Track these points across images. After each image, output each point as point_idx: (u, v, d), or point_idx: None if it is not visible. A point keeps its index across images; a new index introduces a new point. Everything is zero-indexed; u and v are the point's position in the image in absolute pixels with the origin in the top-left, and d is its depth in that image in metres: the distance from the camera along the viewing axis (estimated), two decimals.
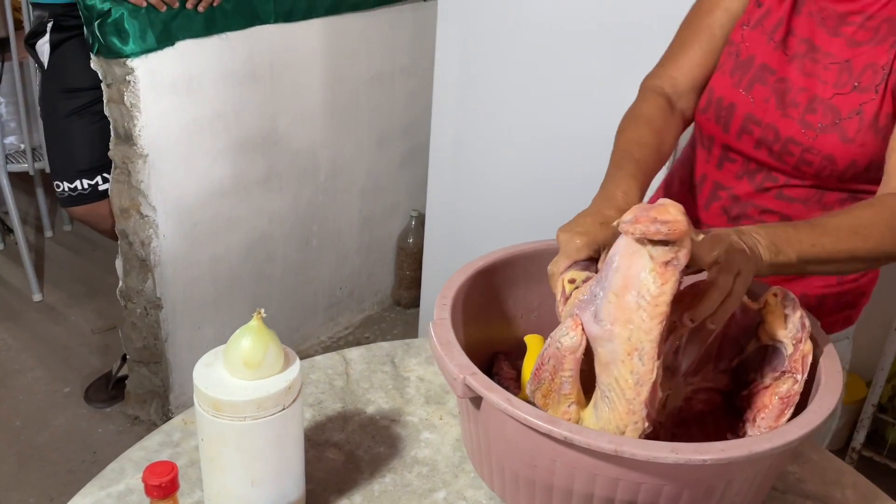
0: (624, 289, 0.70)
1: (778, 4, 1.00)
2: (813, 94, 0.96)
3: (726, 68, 1.02)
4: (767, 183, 1.01)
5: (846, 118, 0.94)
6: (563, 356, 0.73)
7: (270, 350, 0.71)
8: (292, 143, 2.11)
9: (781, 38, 0.99)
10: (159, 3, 1.65)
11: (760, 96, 0.99)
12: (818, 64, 0.97)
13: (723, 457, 0.66)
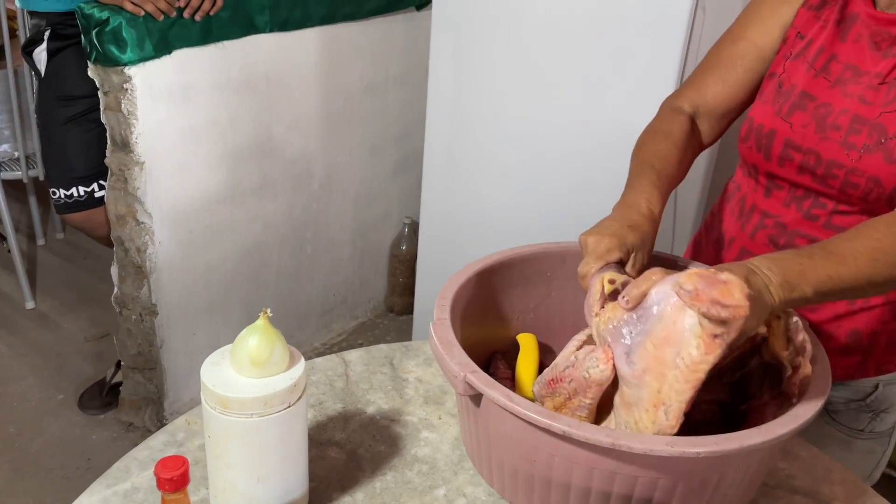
0: (664, 342, 0.70)
1: (820, 32, 0.99)
2: (856, 114, 0.94)
3: (768, 98, 1.01)
4: (815, 210, 0.98)
5: (893, 137, 0.91)
6: (588, 385, 0.75)
7: (276, 349, 0.73)
8: (287, 150, 2.13)
9: (823, 65, 0.97)
10: (157, 13, 1.67)
11: (799, 122, 0.97)
12: (862, 85, 0.94)
13: (716, 450, 0.68)
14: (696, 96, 1.07)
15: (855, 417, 1.03)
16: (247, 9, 1.87)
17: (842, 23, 0.97)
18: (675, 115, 1.06)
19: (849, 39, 0.96)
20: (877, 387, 1.01)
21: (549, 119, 1.80)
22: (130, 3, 1.64)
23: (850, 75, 0.95)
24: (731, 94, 1.06)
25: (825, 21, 0.98)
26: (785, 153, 0.98)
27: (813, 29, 0.99)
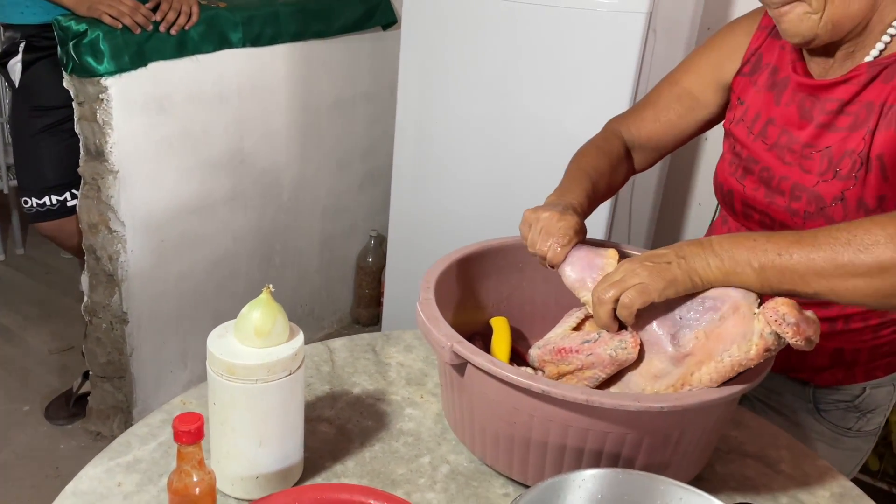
0: (717, 338, 0.79)
1: (756, 97, 1.04)
2: (795, 182, 0.98)
3: (727, 158, 1.09)
4: None
5: (830, 205, 0.95)
6: (610, 363, 0.82)
7: (278, 321, 0.79)
8: (257, 162, 2.19)
9: (761, 129, 1.03)
10: (134, 26, 1.72)
11: (750, 185, 1.04)
12: (797, 153, 0.98)
13: (678, 404, 0.76)
14: (634, 128, 1.15)
15: (843, 417, 1.10)
16: (220, 25, 1.93)
17: (774, 87, 1.02)
18: (614, 138, 1.14)
19: (782, 104, 1.01)
20: (864, 390, 1.09)
21: (513, 134, 1.90)
22: (108, 16, 1.69)
23: (786, 140, 1.00)
24: (663, 134, 1.14)
25: (759, 86, 1.04)
26: (745, 211, 1.07)
27: (749, 94, 1.05)
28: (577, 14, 1.73)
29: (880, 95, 0.92)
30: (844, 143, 0.94)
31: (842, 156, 0.94)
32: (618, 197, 1.88)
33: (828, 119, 0.96)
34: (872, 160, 0.92)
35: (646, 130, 1.14)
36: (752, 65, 1.06)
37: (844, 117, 0.95)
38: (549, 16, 1.76)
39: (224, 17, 1.94)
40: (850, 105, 0.94)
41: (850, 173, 0.94)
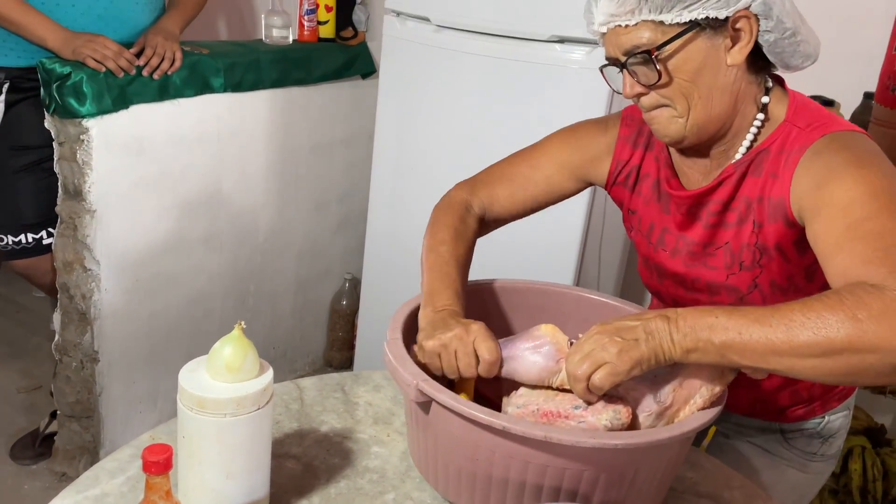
0: (689, 385, 0.88)
1: (644, 207, 1.10)
2: (708, 282, 1.04)
3: (640, 261, 1.16)
4: None
5: (748, 294, 1.01)
6: (597, 426, 0.85)
7: (249, 357, 0.82)
8: (234, 204, 2.22)
9: (658, 239, 1.09)
10: (117, 70, 1.77)
11: (671, 287, 1.10)
12: (699, 255, 1.04)
13: (631, 442, 0.80)
14: (487, 201, 1.17)
15: (808, 443, 1.16)
16: (203, 70, 1.98)
17: (660, 199, 1.08)
18: (469, 216, 1.15)
19: (671, 212, 1.07)
20: (824, 418, 1.16)
21: None
22: (93, 59, 1.73)
23: (683, 244, 1.06)
24: (516, 211, 1.18)
25: (646, 197, 1.10)
26: (676, 304, 1.11)
27: (638, 205, 1.11)
28: (548, 69, 1.81)
29: (754, 190, 0.97)
30: (739, 238, 1.00)
31: (740, 249, 1.00)
32: (586, 244, 1.93)
33: (716, 219, 1.01)
34: (770, 250, 0.97)
35: (499, 206, 1.17)
36: (629, 176, 1.11)
37: (730, 213, 1.00)
38: (521, 70, 1.83)
39: (206, 63, 1.99)
40: (733, 202, 1.00)
41: (754, 264, 0.99)
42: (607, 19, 0.93)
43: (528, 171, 1.16)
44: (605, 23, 0.94)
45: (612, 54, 0.96)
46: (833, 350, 0.75)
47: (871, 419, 2.07)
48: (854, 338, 0.74)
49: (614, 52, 0.95)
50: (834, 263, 0.85)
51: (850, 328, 0.74)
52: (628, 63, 0.94)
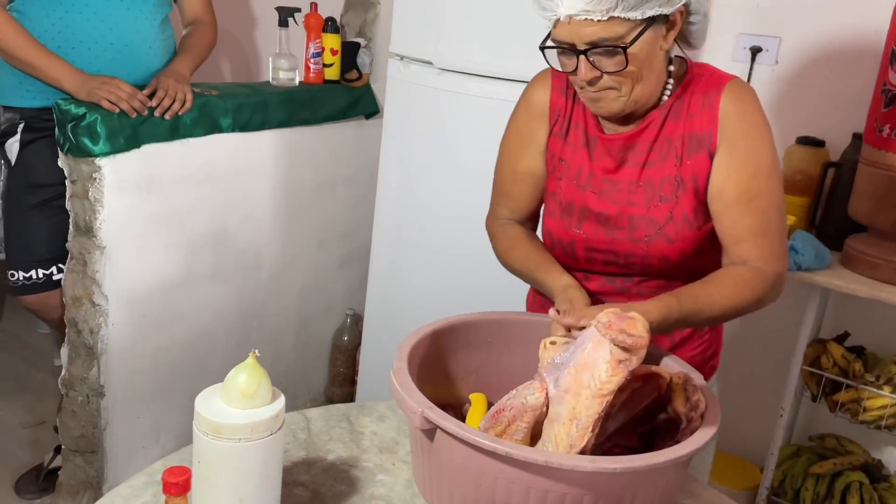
0: (583, 367, 0.89)
1: (574, 155, 1.23)
2: (630, 216, 1.19)
3: (556, 214, 1.25)
4: (626, 284, 1.25)
5: (664, 225, 1.17)
6: (525, 410, 0.90)
7: (262, 384, 0.85)
8: (239, 241, 2.26)
9: (586, 181, 1.21)
10: (131, 111, 1.83)
11: (590, 230, 1.22)
12: (624, 192, 1.19)
13: (629, 465, 0.83)
14: (515, 210, 1.32)
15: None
16: (211, 111, 2.05)
17: (587, 145, 1.22)
18: (514, 226, 1.32)
19: (596, 157, 1.21)
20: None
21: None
22: (107, 101, 1.79)
23: (609, 186, 1.20)
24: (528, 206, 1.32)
25: (576, 145, 1.22)
26: (588, 255, 1.24)
27: (568, 153, 1.23)
28: None
29: (675, 130, 1.16)
30: (661, 172, 1.17)
31: (661, 182, 1.17)
32: None
33: (642, 158, 1.18)
34: (686, 181, 1.15)
35: (525, 207, 1.32)
36: (562, 125, 1.24)
37: (653, 153, 1.17)
38: None
39: (215, 104, 2.05)
40: (655, 143, 1.17)
41: (672, 195, 1.16)
42: (578, 12, 1.02)
43: (511, 176, 1.31)
44: (575, 14, 1.02)
45: (569, 40, 1.06)
46: (736, 312, 1.15)
47: (868, 455, 2.09)
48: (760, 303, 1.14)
49: (572, 38, 1.06)
50: (729, 220, 1.14)
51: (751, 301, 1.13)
52: (590, 52, 1.05)
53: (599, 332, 0.87)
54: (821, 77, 2.12)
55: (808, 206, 2.06)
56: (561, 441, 0.88)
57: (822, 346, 2.02)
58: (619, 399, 1.01)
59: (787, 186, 2.09)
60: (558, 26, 1.06)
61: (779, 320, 2.28)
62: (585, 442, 0.88)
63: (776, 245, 1.15)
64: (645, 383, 1.02)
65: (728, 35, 2.22)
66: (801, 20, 2.11)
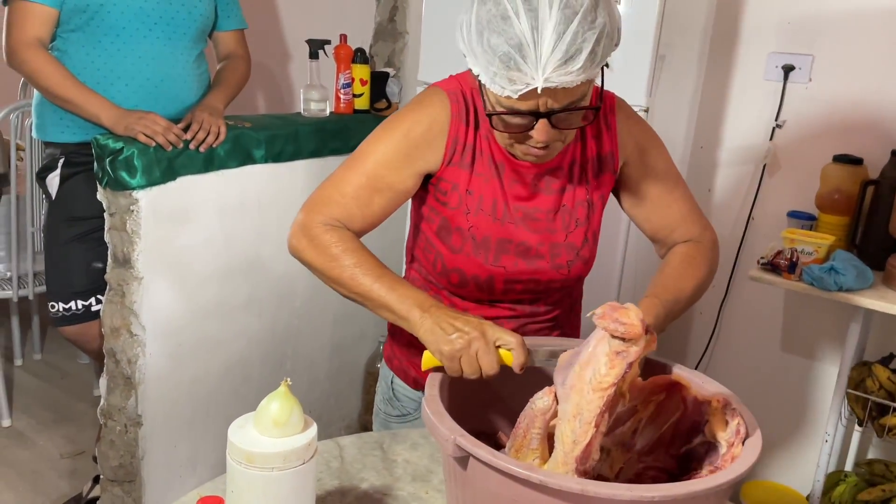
0: (586, 364, 0.88)
1: (484, 185, 1.16)
2: (551, 243, 1.18)
3: (466, 250, 1.17)
4: (535, 307, 1.25)
5: (581, 247, 1.20)
6: (535, 416, 0.89)
7: (295, 412, 0.85)
8: (273, 270, 2.29)
9: (503, 214, 1.17)
10: (166, 144, 1.87)
11: (510, 263, 1.18)
12: (542, 220, 1.18)
13: (668, 494, 0.81)
14: (346, 220, 1.17)
15: None
16: (245, 143, 2.08)
17: (498, 174, 1.16)
18: (346, 231, 1.17)
19: (507, 184, 1.16)
20: None
21: None
22: (144, 135, 1.84)
23: (523, 214, 1.17)
24: (371, 222, 1.20)
25: (485, 175, 1.15)
26: (507, 287, 1.20)
27: (476, 183, 1.16)
28: None
29: (580, 153, 1.18)
30: (575, 197, 1.19)
31: (575, 207, 1.19)
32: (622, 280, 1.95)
33: (557, 185, 1.17)
34: (595, 202, 1.21)
35: (359, 226, 1.19)
36: (464, 154, 1.15)
37: (564, 178, 1.17)
38: None
39: (248, 135, 2.09)
40: (567, 168, 1.17)
41: (585, 218, 1.20)
42: (559, 84, 0.96)
43: (369, 185, 1.16)
44: (553, 85, 0.96)
45: (531, 108, 1.00)
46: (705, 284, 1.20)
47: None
48: (712, 272, 1.22)
49: (537, 105, 0.99)
50: (659, 215, 1.23)
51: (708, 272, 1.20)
52: (559, 114, 1.00)
53: (595, 323, 0.87)
54: (856, 94, 2.09)
55: (848, 225, 2.01)
56: (566, 438, 0.88)
57: (867, 369, 1.97)
58: (645, 413, 1.00)
59: (826, 206, 2.05)
60: (522, 95, 0.98)
61: (821, 342, 2.23)
62: (589, 438, 0.87)
63: (700, 215, 1.26)
64: (669, 396, 1.00)
65: (759, 54, 2.20)
66: (833, 37, 2.09)
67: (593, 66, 0.97)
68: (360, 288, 1.12)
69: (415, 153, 1.15)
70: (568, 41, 0.94)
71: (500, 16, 0.96)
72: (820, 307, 2.18)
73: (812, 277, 1.84)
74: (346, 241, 1.14)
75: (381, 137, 1.17)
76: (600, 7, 0.97)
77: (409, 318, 1.06)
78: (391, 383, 1.36)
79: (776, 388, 2.31)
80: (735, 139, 2.29)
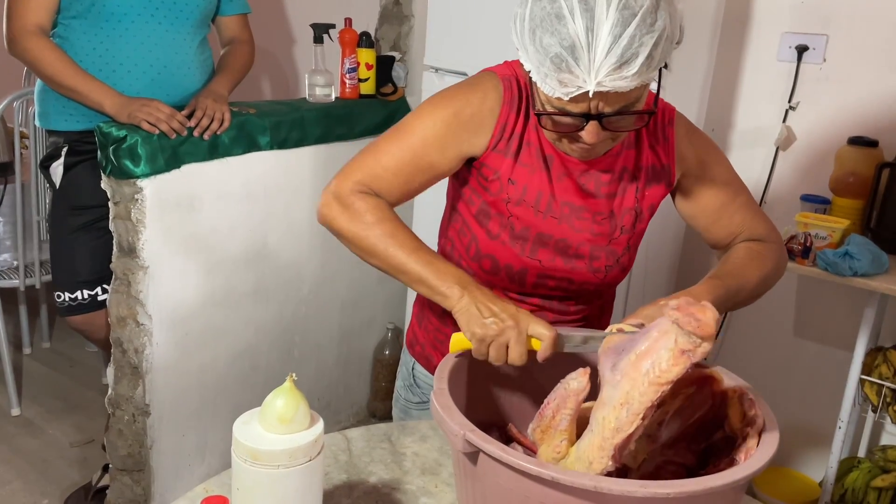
0: (645, 354, 0.85)
1: (529, 176, 1.11)
2: (593, 245, 1.14)
3: (503, 238, 1.13)
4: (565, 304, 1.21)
5: (622, 255, 1.17)
6: (567, 396, 0.87)
7: (300, 408, 0.83)
8: (280, 258, 2.27)
9: (546, 207, 1.12)
10: (170, 132, 1.84)
11: (546, 258, 1.14)
12: (588, 221, 1.13)
13: (682, 490, 0.79)
14: (382, 193, 1.10)
15: None
16: (250, 129, 2.06)
17: (546, 168, 1.11)
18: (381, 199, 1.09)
19: (554, 179, 1.12)
20: None
21: None
22: (147, 122, 1.81)
23: (569, 211, 1.12)
24: (406, 198, 1.13)
25: (531, 166, 1.11)
26: (539, 282, 1.17)
27: (521, 175, 1.11)
28: None
29: (632, 160, 1.14)
30: (623, 203, 1.15)
31: (622, 214, 1.15)
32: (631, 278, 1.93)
33: (608, 189, 1.13)
34: (644, 212, 1.17)
35: (394, 199, 1.12)
36: (511, 142, 1.10)
37: (615, 182, 1.14)
38: None
39: (253, 122, 2.06)
40: (618, 172, 1.13)
41: (631, 227, 1.16)
42: (610, 87, 0.92)
43: (412, 161, 1.10)
44: (606, 89, 0.92)
45: (582, 110, 0.97)
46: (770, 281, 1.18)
47: None
48: (779, 270, 1.20)
49: (590, 107, 0.96)
50: (722, 225, 1.20)
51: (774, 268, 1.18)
52: (612, 117, 0.97)
53: (668, 316, 0.83)
54: (871, 75, 2.04)
55: (863, 208, 1.98)
56: (608, 424, 0.85)
57: (882, 355, 1.94)
58: (673, 405, 0.97)
59: (840, 189, 2.02)
60: (574, 98, 0.95)
61: (834, 328, 2.20)
62: (633, 429, 0.84)
63: (764, 218, 1.22)
64: (699, 389, 0.98)
65: (772, 34, 2.16)
66: (848, 17, 2.04)
67: (649, 71, 0.94)
68: (394, 260, 1.06)
69: (463, 135, 1.10)
70: (624, 45, 0.90)
71: (554, 14, 0.93)
72: (834, 292, 2.15)
73: (826, 262, 1.81)
74: (382, 210, 1.08)
75: (430, 114, 1.11)
76: (661, 8, 0.93)
77: (447, 294, 1.02)
78: (412, 370, 1.34)
79: (789, 373, 2.28)
80: (747, 121, 2.25)
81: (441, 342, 1.28)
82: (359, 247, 1.11)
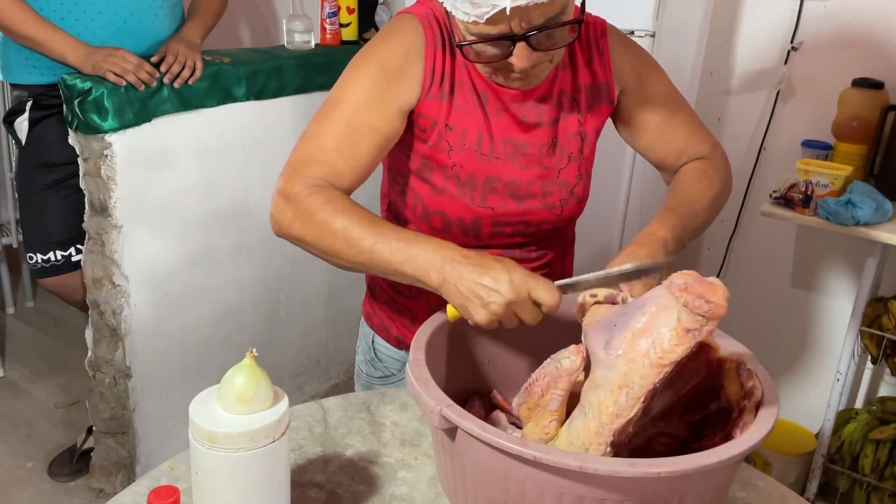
0: (643, 332, 0.77)
1: (467, 119, 1.04)
2: (543, 182, 1.08)
3: (450, 190, 1.06)
4: (525, 252, 1.15)
5: (575, 185, 1.11)
6: (559, 375, 0.81)
7: (262, 386, 0.77)
8: (262, 214, 2.18)
9: (490, 149, 1.05)
10: (138, 83, 1.74)
11: (499, 204, 1.07)
12: (533, 157, 1.07)
13: (675, 469, 0.73)
14: (333, 178, 1.00)
15: None
16: (224, 79, 1.96)
17: (481, 104, 1.04)
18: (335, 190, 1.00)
19: (492, 116, 1.05)
20: None
21: None
22: (113, 73, 1.71)
23: (512, 149, 1.06)
24: (362, 173, 1.03)
25: (466, 107, 1.03)
26: (495, 231, 1.10)
27: (458, 118, 1.03)
28: None
29: (569, 81, 1.08)
30: (566, 129, 1.09)
31: (568, 141, 1.09)
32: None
33: (547, 117, 1.07)
34: (589, 135, 1.11)
35: (347, 180, 1.02)
36: (442, 84, 1.03)
37: (554, 110, 1.07)
38: None
39: (228, 72, 1.96)
40: (555, 97, 1.07)
41: (579, 153, 1.10)
42: (526, 0, 0.85)
43: (350, 131, 1.00)
44: (523, 2, 0.85)
45: (503, 31, 0.90)
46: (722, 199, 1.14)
47: None
48: (728, 186, 1.16)
49: (511, 28, 0.90)
50: (664, 142, 1.14)
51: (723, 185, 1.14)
52: (537, 35, 0.90)
53: (672, 294, 0.75)
54: (877, 13, 1.94)
55: (866, 154, 1.90)
56: (606, 409, 0.78)
57: (883, 305, 1.88)
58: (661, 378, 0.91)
59: (843, 134, 1.93)
60: (491, 18, 0.87)
61: (833, 278, 2.14)
62: (634, 413, 0.77)
63: (707, 133, 1.17)
64: (693, 357, 0.91)
65: None
66: None
67: None
68: (360, 256, 0.95)
69: (395, 86, 1.01)
70: None
71: None
72: (834, 241, 2.08)
73: (828, 212, 1.73)
74: (334, 202, 0.97)
75: (353, 77, 1.03)
76: None
77: (427, 283, 0.92)
78: (372, 343, 1.28)
79: (786, 324, 2.23)
80: (747, 64, 2.15)
81: (398, 311, 1.22)
82: (321, 251, 1.00)
